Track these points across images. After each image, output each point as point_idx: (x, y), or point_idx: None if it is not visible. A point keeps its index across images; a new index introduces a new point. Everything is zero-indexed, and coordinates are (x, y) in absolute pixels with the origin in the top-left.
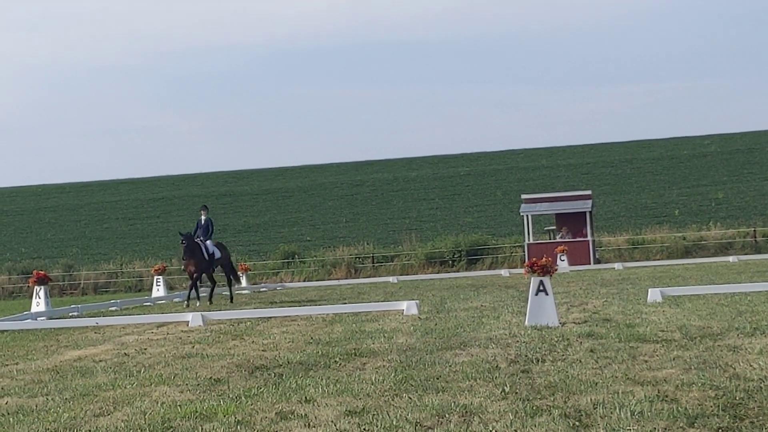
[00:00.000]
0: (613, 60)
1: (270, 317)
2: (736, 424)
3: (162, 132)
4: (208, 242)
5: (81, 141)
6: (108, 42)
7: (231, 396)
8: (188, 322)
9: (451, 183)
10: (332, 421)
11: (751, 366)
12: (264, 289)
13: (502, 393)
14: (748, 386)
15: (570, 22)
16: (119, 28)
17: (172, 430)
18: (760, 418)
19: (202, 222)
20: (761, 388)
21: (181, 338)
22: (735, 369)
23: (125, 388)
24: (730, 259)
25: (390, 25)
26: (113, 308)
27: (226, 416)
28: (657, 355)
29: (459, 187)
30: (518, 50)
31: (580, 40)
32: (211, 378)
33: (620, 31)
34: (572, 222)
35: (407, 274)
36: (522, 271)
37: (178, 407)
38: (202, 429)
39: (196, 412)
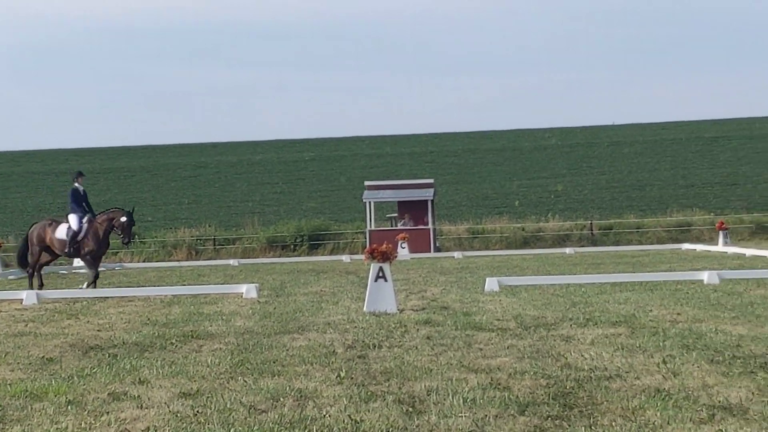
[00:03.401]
0: (459, 51)
1: (107, 297)
2: (566, 413)
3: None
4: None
5: None
6: None
7: (63, 376)
8: (22, 300)
9: (295, 168)
10: (165, 403)
11: (582, 356)
12: (102, 269)
13: (338, 378)
14: (579, 376)
15: (417, 11)
16: None
17: (0, 409)
18: (589, 407)
19: (82, 191)
20: (591, 377)
21: (14, 316)
22: (567, 359)
23: None
24: (567, 250)
25: (238, 5)
26: None
27: (57, 396)
28: (492, 344)
29: (303, 172)
30: (366, 37)
31: (428, 29)
32: (43, 357)
33: (466, 23)
34: (414, 210)
35: (249, 258)
36: (363, 257)
37: (8, 386)
38: (32, 408)
39: (27, 391)
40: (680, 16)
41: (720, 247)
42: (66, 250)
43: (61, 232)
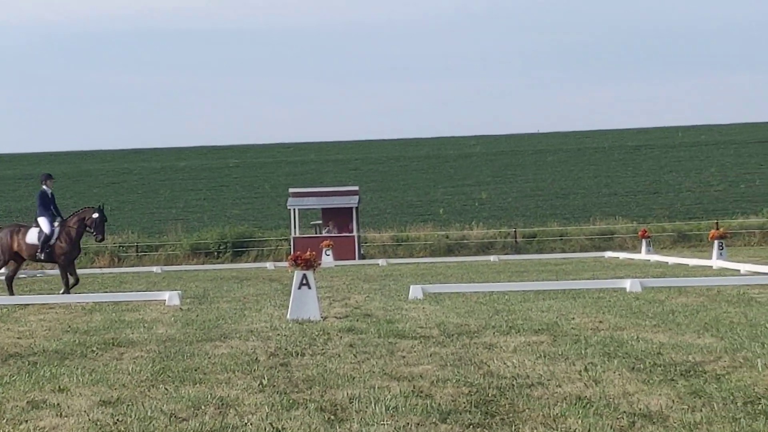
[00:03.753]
0: (385, 58)
1: (27, 304)
2: (487, 421)
3: None
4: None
5: None
6: None
7: None
8: None
9: (219, 174)
10: (85, 411)
11: (504, 364)
12: (23, 275)
13: (260, 386)
14: (501, 383)
15: (342, 17)
16: None
17: None
18: (511, 415)
19: (50, 194)
20: (513, 385)
21: None
22: (489, 366)
23: None
24: (491, 258)
25: (165, 13)
26: None
27: None
28: (414, 351)
29: (227, 179)
30: (292, 43)
31: (352, 36)
32: None
33: (390, 29)
34: (338, 217)
35: (172, 265)
36: (287, 264)
37: None
38: None
39: None
40: (603, 25)
41: (643, 255)
42: (38, 255)
43: (32, 237)
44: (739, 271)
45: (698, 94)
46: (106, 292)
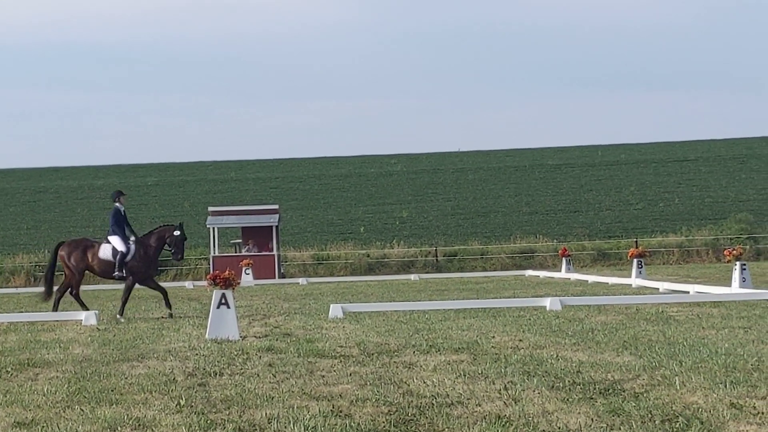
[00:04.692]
0: (305, 75)
1: None
2: None
3: None
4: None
5: None
6: None
7: None
8: None
9: (138, 192)
10: None
11: (424, 383)
12: None
13: (178, 406)
14: (421, 402)
15: (261, 33)
16: None
17: None
18: None
19: (123, 212)
20: (433, 404)
21: None
22: (409, 385)
23: None
24: (412, 277)
25: (77, 27)
26: None
27: None
28: (334, 371)
29: (146, 197)
30: (210, 61)
31: (272, 53)
32: None
33: (311, 46)
34: (258, 236)
35: (89, 284)
36: (205, 283)
37: None
38: None
39: None
40: (522, 44)
41: (563, 274)
42: (115, 273)
43: (106, 253)
44: (657, 289)
45: (618, 113)
46: (22, 311)
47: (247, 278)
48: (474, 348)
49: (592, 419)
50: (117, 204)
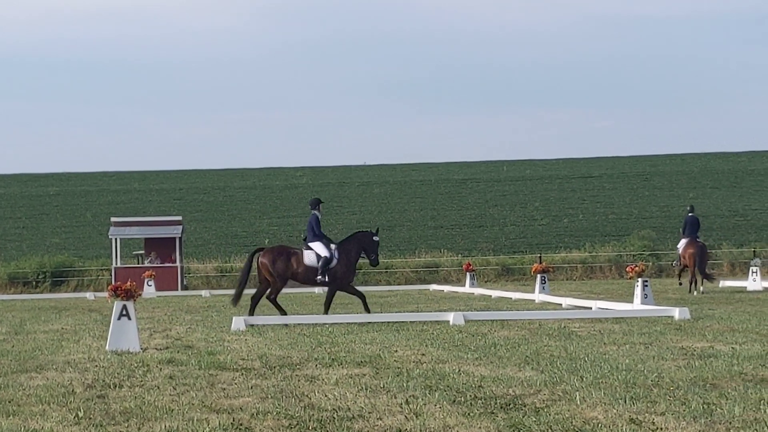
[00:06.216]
0: (207, 85)
1: None
2: None
3: None
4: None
5: None
6: None
7: None
8: None
9: (39, 202)
10: None
11: (326, 396)
12: None
13: (76, 418)
14: (322, 416)
15: (159, 40)
16: None
17: None
18: None
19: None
20: (334, 418)
21: None
22: (311, 399)
23: None
24: (316, 290)
25: None
26: None
27: None
28: (235, 383)
29: (47, 207)
30: (110, 69)
31: (174, 64)
32: None
33: (214, 56)
34: (161, 247)
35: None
36: (107, 294)
37: None
38: None
39: None
40: (428, 59)
41: (467, 288)
42: (318, 278)
43: (311, 259)
44: (560, 305)
45: (523, 129)
46: None
47: (149, 290)
48: (376, 362)
49: None
50: (315, 212)
